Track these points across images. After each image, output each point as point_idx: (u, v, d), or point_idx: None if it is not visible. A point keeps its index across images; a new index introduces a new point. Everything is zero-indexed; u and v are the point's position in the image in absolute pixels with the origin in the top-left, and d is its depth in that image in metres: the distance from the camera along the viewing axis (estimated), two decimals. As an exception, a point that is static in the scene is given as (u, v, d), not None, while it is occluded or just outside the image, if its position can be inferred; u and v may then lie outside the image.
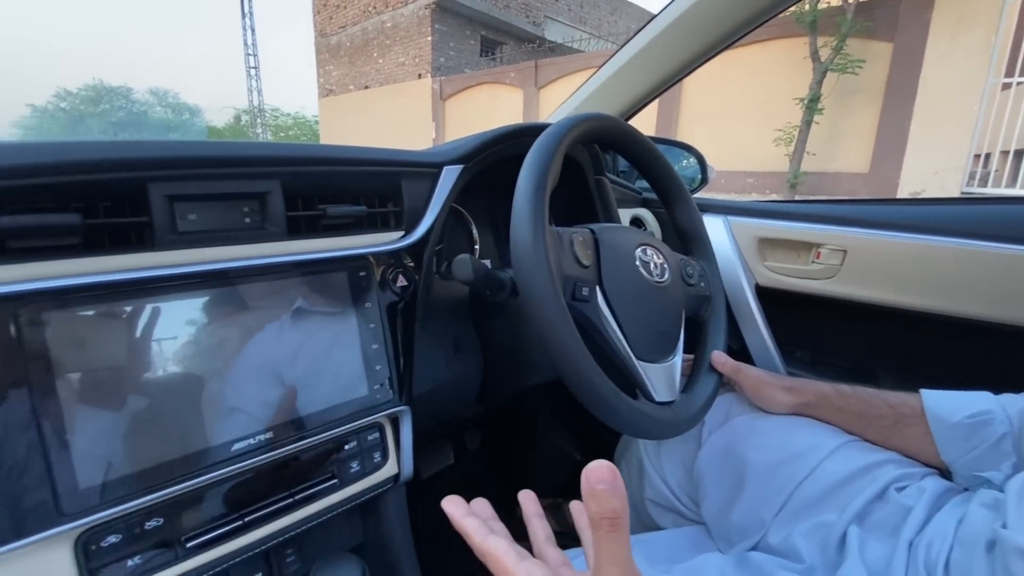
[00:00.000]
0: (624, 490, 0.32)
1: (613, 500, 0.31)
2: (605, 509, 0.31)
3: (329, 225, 0.56)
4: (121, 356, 0.41)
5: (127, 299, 0.42)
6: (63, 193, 0.40)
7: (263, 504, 0.50)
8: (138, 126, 30.95)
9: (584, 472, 0.31)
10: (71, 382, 0.38)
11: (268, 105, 27.76)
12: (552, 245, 0.53)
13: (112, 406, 0.40)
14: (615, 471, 0.31)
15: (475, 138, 0.70)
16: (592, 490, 0.31)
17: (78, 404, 0.39)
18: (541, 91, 10.51)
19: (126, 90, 31.27)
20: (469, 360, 0.75)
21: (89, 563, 0.41)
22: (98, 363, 0.40)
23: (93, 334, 0.40)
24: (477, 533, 0.37)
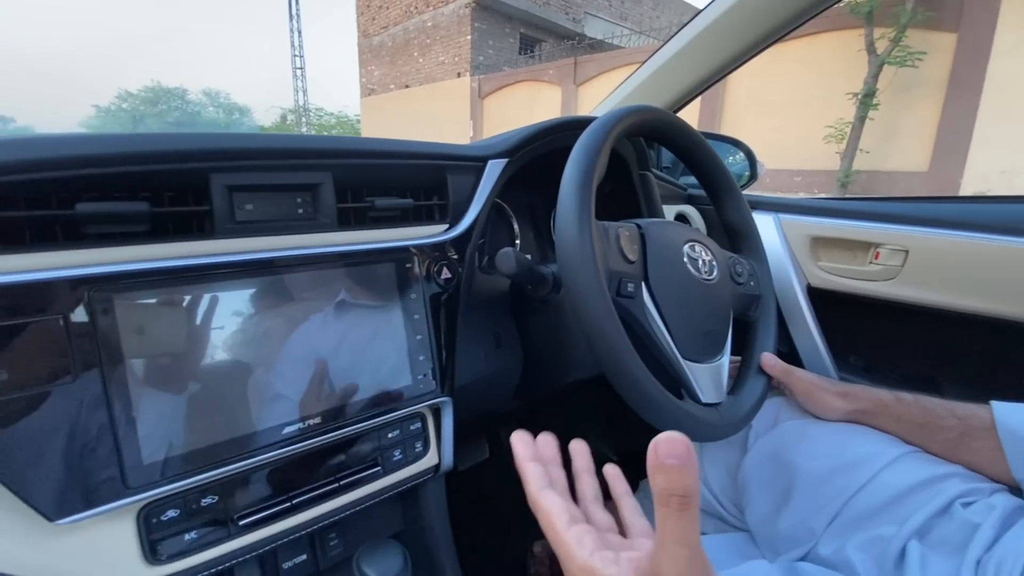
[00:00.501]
0: (697, 467, 0.29)
1: (685, 478, 0.28)
2: (675, 486, 0.28)
3: (377, 217, 0.57)
4: (181, 340, 0.43)
5: (188, 284, 0.43)
6: (133, 183, 0.42)
7: (310, 488, 0.52)
8: (192, 126, 32.48)
9: (653, 444, 0.29)
10: (137, 362, 0.41)
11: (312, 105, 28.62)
12: (598, 239, 0.52)
13: (172, 387, 0.42)
14: (689, 445, 0.29)
15: (520, 132, 0.70)
16: (661, 464, 0.28)
17: (143, 384, 0.41)
18: (580, 88, 10.43)
19: (181, 91, 32.90)
20: (509, 355, 0.75)
21: (150, 535, 0.43)
22: (161, 345, 0.42)
23: (156, 318, 0.42)
24: (535, 482, 0.36)
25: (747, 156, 1.13)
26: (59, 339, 0.37)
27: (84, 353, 0.38)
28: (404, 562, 0.49)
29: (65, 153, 0.38)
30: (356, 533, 0.63)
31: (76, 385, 0.38)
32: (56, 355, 0.37)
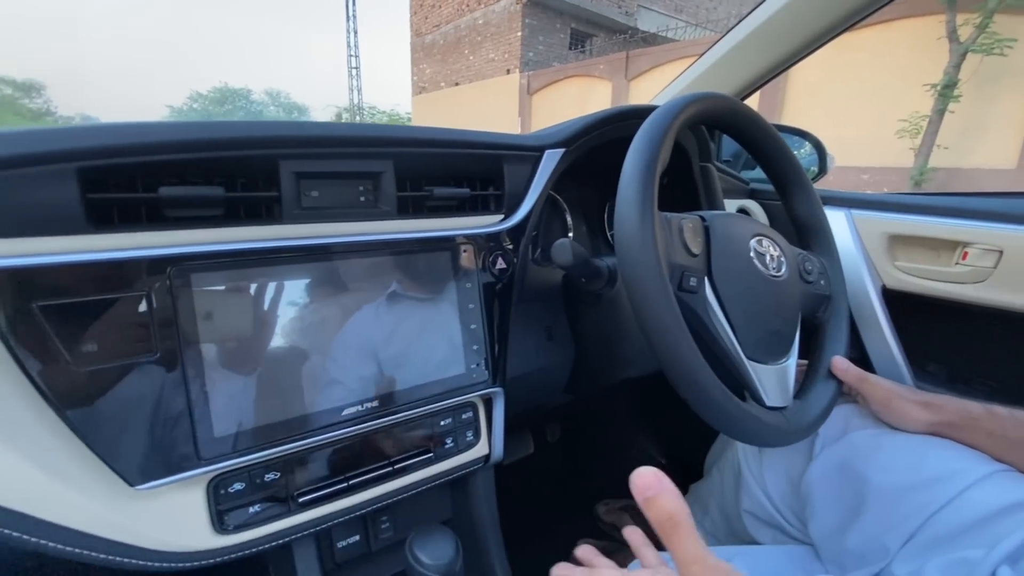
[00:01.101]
0: (675, 488, 0.33)
1: (666, 502, 0.32)
2: (661, 513, 0.32)
3: (434, 206, 0.57)
4: (249, 321, 0.45)
5: (257, 267, 0.45)
6: (209, 169, 0.44)
7: (365, 470, 0.53)
8: (255, 124, 34.03)
9: (632, 486, 0.33)
10: (210, 339, 0.43)
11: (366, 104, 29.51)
12: (660, 230, 0.50)
13: (241, 366, 0.44)
14: (659, 473, 0.33)
15: (577, 121, 0.68)
16: (644, 499, 0.32)
17: (214, 361, 0.43)
18: (632, 83, 10.21)
19: (246, 91, 34.70)
20: (560, 349, 0.74)
21: (218, 505, 0.45)
22: (231, 325, 0.44)
23: (228, 298, 0.44)
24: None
25: (816, 148, 1.06)
26: (142, 315, 0.40)
27: (164, 329, 0.40)
28: (456, 549, 0.49)
29: (151, 139, 0.40)
30: (407, 518, 0.64)
31: (156, 359, 0.40)
32: (139, 330, 0.40)
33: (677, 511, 0.32)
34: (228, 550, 0.46)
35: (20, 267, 0.35)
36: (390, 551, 0.64)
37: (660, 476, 0.32)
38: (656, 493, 0.32)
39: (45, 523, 0.38)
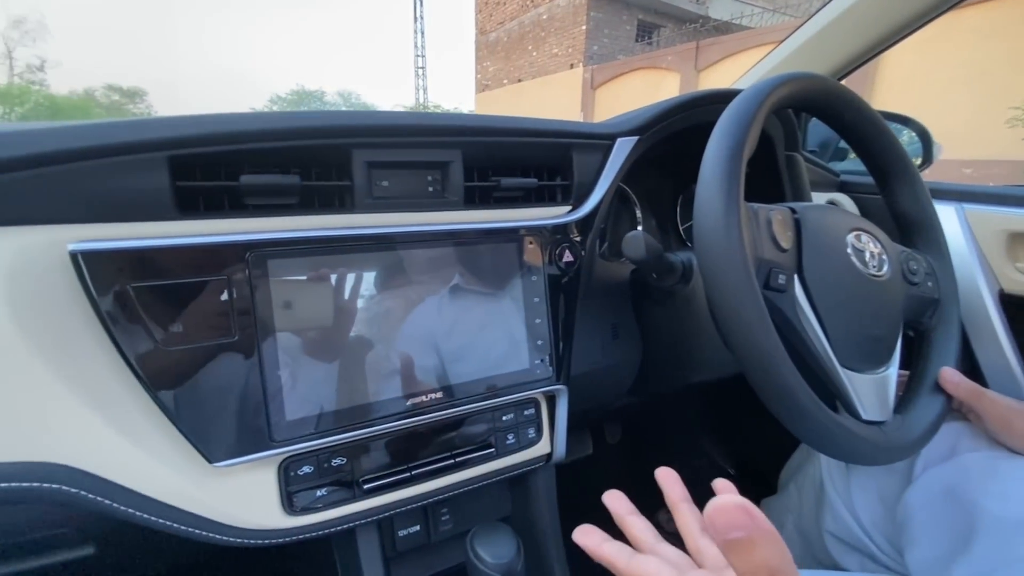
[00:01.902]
0: (773, 530, 0.24)
1: (766, 552, 0.23)
2: (756, 563, 0.23)
3: (500, 197, 0.56)
4: (321, 308, 0.45)
5: (329, 255, 0.46)
6: (286, 158, 0.45)
7: (427, 461, 0.53)
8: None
9: (709, 513, 0.24)
10: (284, 325, 0.43)
11: (431, 103, 30.20)
12: (746, 222, 0.46)
13: (311, 352, 0.45)
14: (747, 506, 0.24)
15: (653, 107, 0.65)
16: (730, 542, 0.24)
17: (288, 346, 0.44)
18: (701, 74, 9.80)
19: (320, 93, 36.52)
20: (627, 348, 0.71)
21: (288, 487, 0.46)
22: (304, 312, 0.45)
23: (301, 285, 0.45)
24: (618, 558, 0.32)
25: (920, 136, 0.96)
26: (223, 299, 0.41)
27: (242, 313, 0.42)
28: (517, 549, 0.48)
29: (235, 128, 0.42)
30: (467, 512, 0.64)
31: (235, 342, 0.42)
32: (220, 313, 0.41)
33: (782, 567, 0.24)
34: (297, 531, 0.47)
35: (116, 250, 0.38)
36: (449, 544, 0.64)
37: (750, 510, 0.24)
38: (747, 535, 0.23)
39: (134, 493, 0.40)
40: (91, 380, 0.38)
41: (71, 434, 0.38)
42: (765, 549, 0.23)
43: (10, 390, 0.36)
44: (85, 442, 0.38)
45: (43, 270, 0.37)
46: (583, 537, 0.35)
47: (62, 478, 0.38)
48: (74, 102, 15.17)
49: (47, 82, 17.31)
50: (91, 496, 0.38)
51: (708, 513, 0.25)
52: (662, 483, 0.38)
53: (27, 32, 17.55)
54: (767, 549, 0.23)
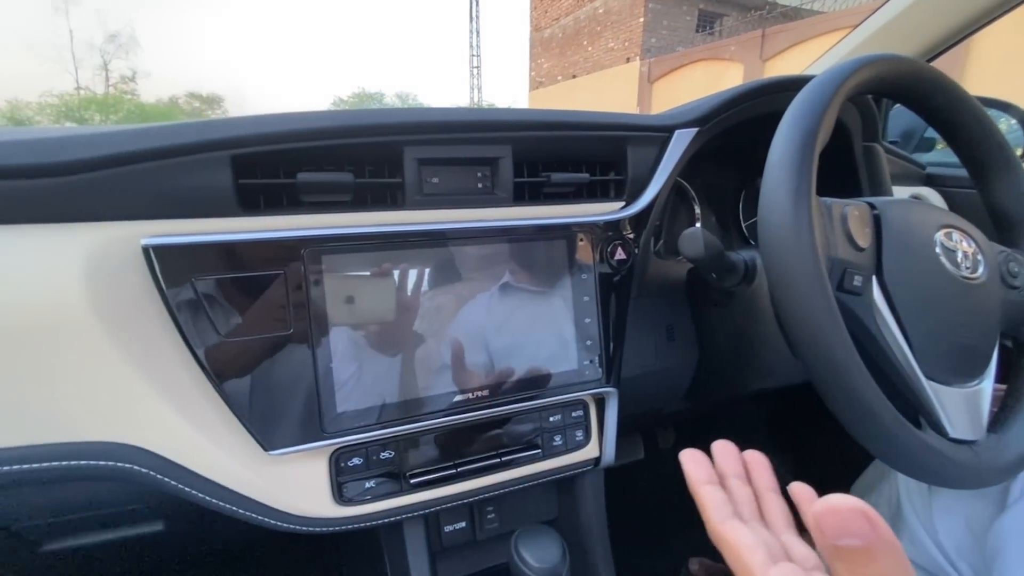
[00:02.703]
0: (894, 541, 0.21)
1: (879, 560, 0.20)
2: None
3: (551, 193, 0.55)
4: (371, 302, 0.46)
5: (381, 251, 0.46)
6: (340, 156, 0.46)
7: (473, 458, 0.53)
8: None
9: (818, 513, 0.21)
10: (336, 319, 0.44)
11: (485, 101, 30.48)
12: (818, 218, 0.42)
13: (362, 345, 0.46)
14: (866, 509, 0.21)
15: (714, 97, 0.61)
16: (835, 548, 0.21)
17: (339, 339, 0.45)
18: (767, 64, 9.30)
19: (380, 95, 37.69)
20: (683, 351, 0.68)
21: (338, 477, 0.47)
22: (355, 307, 0.45)
23: (354, 280, 0.45)
24: (715, 511, 0.29)
25: (1022, 124, 0.86)
26: (280, 292, 0.42)
27: (298, 307, 0.43)
28: (562, 553, 0.47)
29: (294, 127, 0.43)
30: (512, 513, 0.63)
31: (290, 335, 0.43)
32: (277, 307, 0.42)
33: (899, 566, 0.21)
34: (346, 520, 0.48)
35: (184, 244, 0.40)
36: (495, 543, 0.64)
37: (871, 517, 0.20)
38: (864, 544, 0.20)
39: (197, 476, 0.42)
40: (160, 367, 0.41)
41: (142, 417, 0.40)
42: (884, 563, 0.20)
43: (89, 375, 0.39)
44: (154, 426, 0.41)
45: (118, 263, 0.39)
46: (692, 464, 0.32)
47: (134, 458, 0.40)
48: (161, 109, 16.50)
49: (137, 91, 18.95)
50: (159, 476, 0.41)
51: (818, 512, 0.22)
52: (753, 467, 0.34)
53: (121, 45, 19.26)
54: (886, 563, 0.20)
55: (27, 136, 0.38)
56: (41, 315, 0.37)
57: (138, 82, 19.45)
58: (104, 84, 18.35)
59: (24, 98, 13.61)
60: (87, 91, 17.24)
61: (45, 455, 0.39)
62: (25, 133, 0.40)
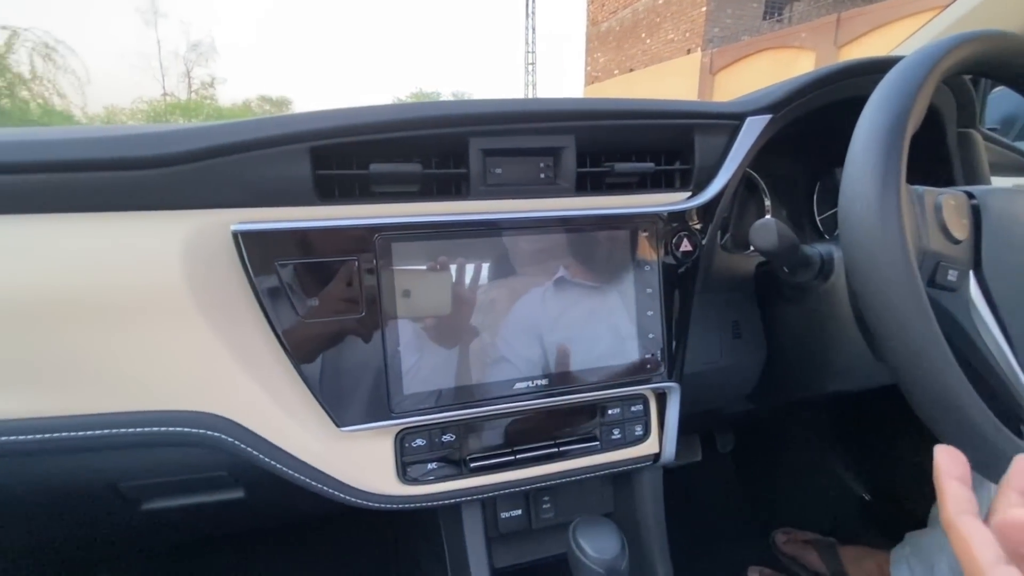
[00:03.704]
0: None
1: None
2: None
3: (614, 183, 0.54)
4: (436, 289, 0.48)
5: (446, 239, 0.48)
6: (409, 148, 0.48)
7: (531, 447, 0.53)
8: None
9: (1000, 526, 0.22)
10: (404, 304, 0.46)
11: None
12: (908, 208, 0.39)
13: (427, 330, 0.47)
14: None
15: (790, 82, 0.58)
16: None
17: (407, 323, 0.46)
18: (841, 51, 8.71)
19: (436, 94, 38.48)
20: (749, 349, 0.65)
21: (403, 456, 0.49)
22: (421, 293, 0.47)
23: (419, 266, 0.47)
24: (955, 504, 0.29)
25: None
26: (353, 277, 0.45)
27: (369, 291, 0.45)
28: (621, 545, 0.46)
29: (368, 119, 0.45)
30: (568, 504, 0.63)
31: (362, 318, 0.45)
32: (350, 291, 0.45)
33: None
34: (409, 499, 0.50)
35: (268, 231, 0.42)
36: (550, 533, 0.64)
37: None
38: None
39: (275, 447, 0.45)
40: (245, 345, 0.44)
41: (229, 390, 0.44)
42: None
43: (184, 349, 0.42)
44: (240, 398, 0.44)
45: (211, 248, 0.42)
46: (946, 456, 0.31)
47: (221, 427, 0.44)
48: (235, 112, 17.63)
49: (215, 96, 20.31)
50: (242, 445, 0.44)
51: (1000, 525, 0.22)
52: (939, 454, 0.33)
53: (201, 54, 20.71)
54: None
55: (123, 133, 0.42)
56: (144, 294, 0.41)
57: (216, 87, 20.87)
58: (187, 90, 19.81)
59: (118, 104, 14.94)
60: (172, 97, 18.69)
61: (145, 421, 0.43)
62: (121, 130, 0.44)
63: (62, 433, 0.42)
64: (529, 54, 27.59)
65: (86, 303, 0.41)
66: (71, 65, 9.38)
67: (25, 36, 8.91)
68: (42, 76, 9.21)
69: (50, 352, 0.41)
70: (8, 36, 8.77)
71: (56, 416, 0.42)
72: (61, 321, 0.41)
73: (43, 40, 9.03)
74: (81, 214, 0.41)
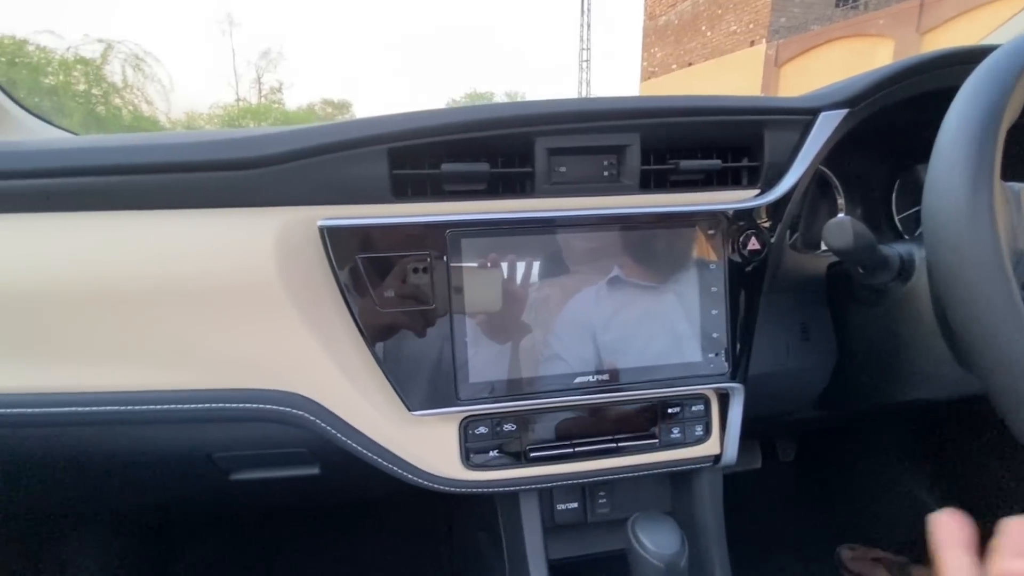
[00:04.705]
0: None
1: None
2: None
3: (678, 181, 0.54)
4: (502, 284, 0.49)
5: (511, 236, 0.49)
6: (477, 148, 0.50)
7: (590, 440, 0.54)
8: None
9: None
10: (472, 297, 0.48)
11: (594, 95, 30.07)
12: (1002, 205, 0.37)
13: (492, 322, 0.49)
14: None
15: (869, 75, 0.56)
16: None
17: (474, 315, 0.49)
18: (925, 38, 8.06)
19: (490, 95, 38.90)
20: (819, 352, 0.63)
21: (466, 443, 0.52)
22: (488, 287, 0.49)
23: (487, 261, 0.49)
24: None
25: None
26: (425, 271, 0.47)
27: (439, 284, 0.48)
28: (681, 542, 0.46)
29: (441, 121, 0.47)
30: (624, 500, 0.64)
31: (433, 309, 0.48)
32: (422, 283, 0.47)
33: None
34: (472, 483, 0.52)
35: (350, 226, 0.46)
36: (605, 528, 0.65)
37: None
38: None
39: (352, 428, 0.48)
40: (327, 331, 0.48)
41: (313, 372, 0.48)
42: None
43: (274, 333, 0.47)
44: (322, 380, 0.48)
45: (299, 241, 0.46)
46: (944, 527, 0.31)
47: (304, 406, 0.47)
48: (301, 115, 18.59)
49: (282, 101, 21.48)
50: (323, 425, 0.48)
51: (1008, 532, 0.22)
52: (938, 524, 0.32)
53: (271, 60, 21.96)
54: None
55: (219, 137, 0.47)
56: (241, 282, 0.46)
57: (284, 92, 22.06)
58: (257, 95, 21.07)
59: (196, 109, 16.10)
60: (244, 102, 19.94)
61: (241, 397, 0.47)
62: (216, 135, 0.49)
63: (171, 405, 0.47)
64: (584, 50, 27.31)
65: (191, 290, 0.45)
66: (157, 74, 10.18)
67: (118, 49, 9.76)
68: (132, 85, 10.06)
69: (160, 333, 0.46)
70: (104, 49, 9.64)
71: (166, 390, 0.47)
72: (169, 306, 0.46)
73: (134, 52, 9.85)
74: (187, 210, 0.46)
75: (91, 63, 9.53)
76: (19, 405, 0.46)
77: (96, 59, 9.55)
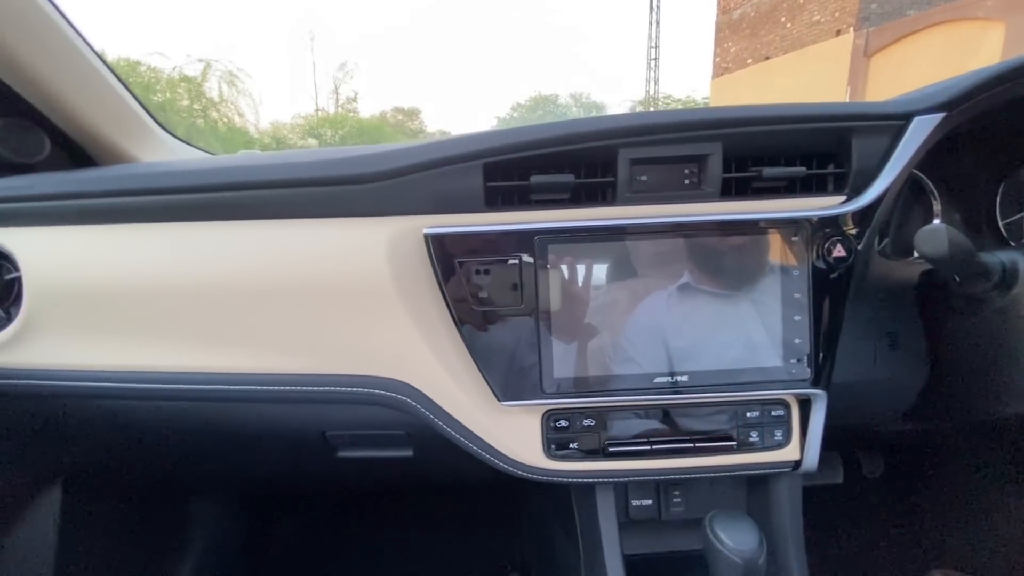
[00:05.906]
0: None
1: None
2: None
3: (760, 188, 0.55)
4: (585, 286, 0.53)
5: (594, 242, 0.53)
6: (563, 160, 0.53)
7: (667, 439, 0.56)
8: (559, 127, 38.38)
9: None
10: (557, 298, 0.52)
11: (661, 93, 29.18)
12: None
13: (575, 322, 0.53)
14: None
15: (970, 76, 0.54)
16: None
17: (558, 315, 0.53)
18: (1046, 18, 7.17)
19: (554, 97, 38.88)
20: (908, 362, 0.61)
21: (548, 434, 0.56)
22: (572, 288, 0.53)
23: (571, 266, 0.53)
24: None
25: None
26: (515, 274, 0.52)
27: (528, 285, 0.52)
28: (759, 541, 0.47)
29: (529, 137, 0.52)
30: (698, 501, 0.65)
31: (521, 308, 0.52)
32: (513, 284, 0.52)
33: None
34: (553, 473, 0.56)
35: (451, 233, 0.51)
36: (679, 527, 0.66)
37: None
38: None
39: (448, 414, 0.54)
40: (430, 326, 0.53)
41: (416, 362, 0.54)
42: None
43: (386, 326, 0.53)
44: (424, 370, 0.54)
45: (407, 246, 0.52)
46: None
47: (408, 393, 0.54)
48: (373, 123, 19.57)
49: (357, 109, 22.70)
50: (423, 410, 0.54)
51: None
52: None
53: (347, 72, 23.30)
54: None
55: (335, 156, 0.54)
56: (359, 282, 0.52)
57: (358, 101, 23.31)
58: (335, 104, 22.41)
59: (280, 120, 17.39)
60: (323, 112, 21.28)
61: (355, 382, 0.54)
62: (332, 153, 0.56)
63: (296, 387, 0.55)
64: (652, 48, 26.64)
65: (318, 288, 0.53)
66: (248, 89, 11.12)
67: (215, 66, 10.76)
68: (227, 99, 11.05)
69: (290, 324, 0.54)
70: (204, 67, 10.66)
71: (293, 373, 0.55)
72: (299, 302, 0.53)
73: (229, 69, 10.83)
74: (311, 219, 0.53)
75: (193, 80, 10.58)
76: (186, 382, 0.55)
77: (197, 76, 10.59)
